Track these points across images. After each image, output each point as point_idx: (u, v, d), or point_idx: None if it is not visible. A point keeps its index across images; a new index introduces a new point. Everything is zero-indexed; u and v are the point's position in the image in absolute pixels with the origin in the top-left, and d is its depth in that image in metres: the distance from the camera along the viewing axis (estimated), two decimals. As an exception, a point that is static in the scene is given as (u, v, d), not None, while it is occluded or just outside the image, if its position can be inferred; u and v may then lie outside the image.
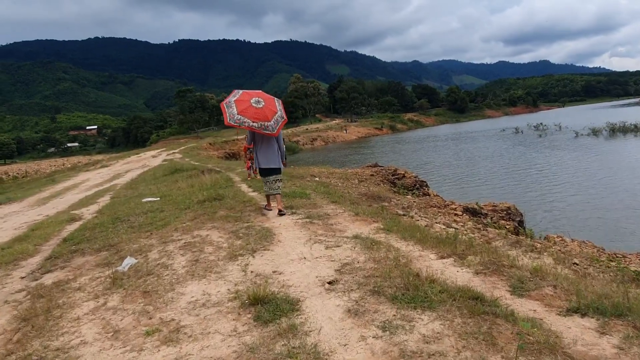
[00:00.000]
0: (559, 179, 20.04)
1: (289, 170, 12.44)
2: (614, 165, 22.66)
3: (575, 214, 13.50)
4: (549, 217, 13.09)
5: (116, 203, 9.65)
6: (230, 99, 6.13)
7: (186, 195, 8.57)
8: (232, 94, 6.26)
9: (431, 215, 7.53)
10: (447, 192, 17.14)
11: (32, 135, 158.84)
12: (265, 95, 6.23)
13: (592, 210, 13.77)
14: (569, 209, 14.33)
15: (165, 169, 17.99)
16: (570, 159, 26.29)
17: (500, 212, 9.19)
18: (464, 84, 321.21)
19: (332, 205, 6.60)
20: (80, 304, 3.69)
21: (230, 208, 6.57)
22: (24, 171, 51.10)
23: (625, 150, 29.44)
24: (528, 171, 23.25)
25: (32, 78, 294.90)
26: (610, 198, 15.31)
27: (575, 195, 16.33)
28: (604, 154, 27.55)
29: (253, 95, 6.09)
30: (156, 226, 6.06)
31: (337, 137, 70.07)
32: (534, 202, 15.62)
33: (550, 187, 18.48)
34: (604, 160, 25.11)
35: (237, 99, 6.07)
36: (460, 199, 15.64)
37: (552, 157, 28.15)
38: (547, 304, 2.81)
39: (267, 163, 6.14)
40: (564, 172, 21.86)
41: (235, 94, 6.21)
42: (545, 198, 16.30)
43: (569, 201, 15.38)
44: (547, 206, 14.99)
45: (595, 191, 16.99)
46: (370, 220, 5.49)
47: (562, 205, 14.93)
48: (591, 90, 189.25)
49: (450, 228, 6.21)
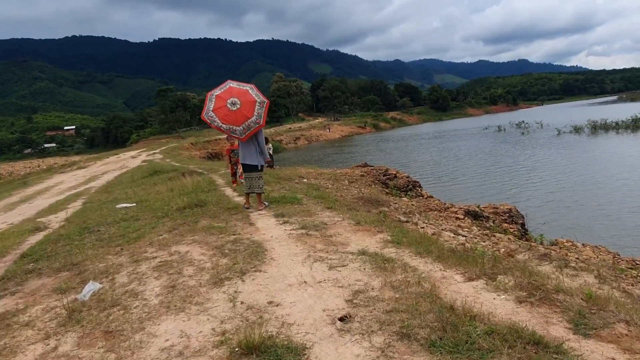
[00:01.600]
0: (549, 177, 19.78)
1: (275, 172, 11.72)
2: (604, 162, 22.54)
3: (573, 214, 13.11)
4: (546, 217, 12.66)
5: (88, 209, 8.79)
6: (216, 91, 5.95)
7: (165, 201, 7.79)
8: (221, 85, 6.11)
9: (434, 220, 6.93)
10: (438, 192, 16.60)
11: (8, 136, 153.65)
12: (248, 96, 5.91)
13: (590, 210, 13.42)
14: (564, 208, 13.96)
15: (144, 171, 17.05)
16: (558, 157, 26.16)
17: (502, 214, 8.66)
18: (445, 83, 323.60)
19: (327, 211, 5.92)
20: (25, 347, 2.93)
21: (213, 216, 5.83)
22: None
23: (610, 146, 29.52)
24: (516, 169, 22.99)
25: (7, 77, 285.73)
26: (605, 196, 15.02)
27: (569, 194, 16.01)
28: (590, 152, 27.53)
29: (234, 93, 5.90)
30: (128, 239, 5.28)
31: (321, 136, 69.49)
32: (528, 201, 15.22)
33: (541, 185, 18.17)
34: (591, 157, 25.03)
35: (219, 94, 5.91)
36: (452, 200, 15.16)
37: (538, 155, 28.03)
38: (627, 349, 2.19)
39: (244, 159, 6.27)
40: (553, 170, 21.64)
41: (222, 87, 6.05)
42: (538, 197, 15.94)
43: (564, 201, 15.02)
44: (541, 205, 14.61)
45: (586, 188, 16.74)
46: (374, 230, 4.83)
47: (557, 204, 14.56)
48: (569, 88, 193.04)
49: (458, 236, 5.61)
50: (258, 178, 6.30)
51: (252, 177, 6.28)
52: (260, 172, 6.33)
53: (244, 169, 6.44)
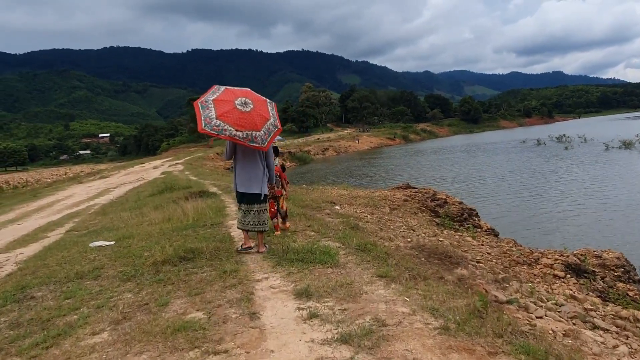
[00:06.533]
0: (618, 203, 16.92)
1: (301, 196, 9.60)
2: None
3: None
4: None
5: (58, 246, 6.88)
6: (208, 97, 4.47)
7: (150, 241, 5.79)
8: (211, 90, 4.64)
9: (532, 286, 4.61)
10: (488, 218, 14.04)
11: (46, 142, 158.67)
12: (255, 95, 4.72)
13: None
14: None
15: (155, 187, 15.28)
16: (620, 177, 23.07)
17: (612, 268, 6.23)
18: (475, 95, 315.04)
19: (380, 284, 3.69)
20: None
21: (196, 290, 3.66)
22: (25, 180, 49.10)
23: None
24: (575, 191, 20.09)
25: (48, 86, 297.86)
26: None
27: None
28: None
29: (239, 94, 4.56)
30: (44, 339, 3.11)
31: (349, 147, 67.42)
32: (615, 237, 12.47)
33: (613, 212, 15.39)
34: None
35: (216, 97, 4.45)
36: (508, 231, 12.67)
37: (593, 173, 24.94)
38: None
39: (247, 186, 4.74)
40: (619, 193, 18.73)
41: (216, 91, 4.59)
42: (616, 230, 13.21)
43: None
44: (622, 240, 11.93)
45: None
46: (480, 349, 2.59)
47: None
48: (607, 101, 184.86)
49: (605, 334, 3.30)
50: (263, 211, 4.84)
51: (252, 210, 4.77)
52: (265, 203, 4.92)
53: (242, 199, 4.82)
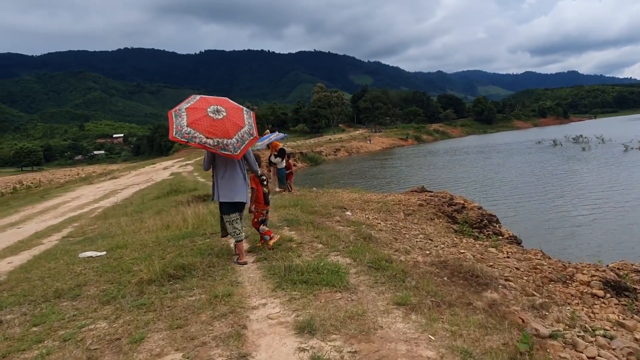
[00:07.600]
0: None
1: (310, 200, 9.02)
2: None
3: None
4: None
5: (50, 254, 6.45)
6: (182, 106, 4.51)
7: (144, 251, 5.32)
8: (187, 99, 4.65)
9: (573, 310, 4.02)
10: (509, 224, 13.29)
11: (61, 142, 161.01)
12: (231, 103, 4.72)
13: None
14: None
15: (161, 189, 14.93)
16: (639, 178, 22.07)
17: (654, 284, 5.58)
18: (489, 95, 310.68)
19: (397, 313, 3.13)
20: None
21: (178, 325, 3.07)
22: (38, 180, 49.49)
23: None
24: (595, 194, 19.18)
25: (64, 87, 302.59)
26: None
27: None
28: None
29: (213, 102, 4.56)
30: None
31: (361, 148, 66.72)
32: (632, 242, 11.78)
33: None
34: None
35: (190, 106, 4.48)
36: (529, 235, 11.99)
37: (614, 175, 23.91)
38: None
39: (231, 195, 4.63)
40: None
41: (190, 100, 4.62)
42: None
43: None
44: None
45: None
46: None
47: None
48: (623, 101, 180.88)
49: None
50: (236, 221, 4.74)
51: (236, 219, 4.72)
52: (241, 212, 4.86)
53: (226, 209, 4.69)
